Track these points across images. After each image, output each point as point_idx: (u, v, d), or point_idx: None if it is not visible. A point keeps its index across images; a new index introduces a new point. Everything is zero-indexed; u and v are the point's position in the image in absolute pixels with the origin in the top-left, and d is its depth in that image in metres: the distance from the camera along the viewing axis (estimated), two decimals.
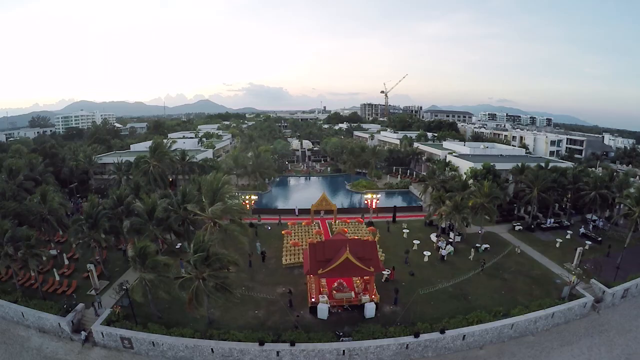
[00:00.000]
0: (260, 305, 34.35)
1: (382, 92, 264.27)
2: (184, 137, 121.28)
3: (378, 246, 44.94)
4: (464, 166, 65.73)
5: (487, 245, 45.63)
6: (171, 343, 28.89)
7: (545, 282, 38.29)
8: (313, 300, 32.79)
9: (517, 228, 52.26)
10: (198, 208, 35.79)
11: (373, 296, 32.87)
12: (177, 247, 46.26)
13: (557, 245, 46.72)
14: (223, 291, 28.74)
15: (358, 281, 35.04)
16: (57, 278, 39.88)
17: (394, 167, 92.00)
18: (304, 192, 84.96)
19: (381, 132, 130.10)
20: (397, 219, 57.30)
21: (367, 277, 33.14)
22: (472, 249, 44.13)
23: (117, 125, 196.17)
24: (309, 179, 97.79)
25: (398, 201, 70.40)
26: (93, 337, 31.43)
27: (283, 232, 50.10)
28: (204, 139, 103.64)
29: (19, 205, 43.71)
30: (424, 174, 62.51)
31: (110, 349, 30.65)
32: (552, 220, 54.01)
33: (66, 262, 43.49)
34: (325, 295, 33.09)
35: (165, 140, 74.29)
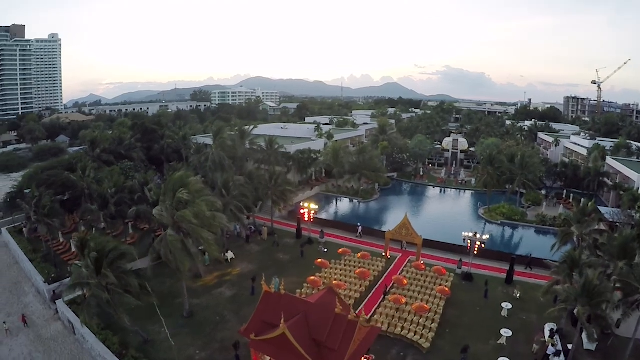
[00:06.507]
0: (209, 347, 31.39)
1: (594, 82, 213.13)
2: (314, 122, 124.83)
3: (436, 322, 32.88)
4: None
5: None
6: (92, 343, 30.39)
7: None
8: None
9: None
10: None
11: None
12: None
13: None
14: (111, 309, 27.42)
15: None
16: (74, 249, 45.72)
17: (566, 190, 70.35)
18: (419, 208, 73.44)
19: (572, 136, 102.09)
20: (514, 277, 41.51)
21: None
22: None
23: (271, 104, 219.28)
24: (443, 191, 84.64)
25: (546, 246, 50.24)
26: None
27: (317, 261, 42.69)
28: (321, 127, 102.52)
29: (68, 176, 50.70)
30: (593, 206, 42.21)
31: (66, 328, 34.70)
32: None
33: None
34: None
35: (246, 127, 75.96)
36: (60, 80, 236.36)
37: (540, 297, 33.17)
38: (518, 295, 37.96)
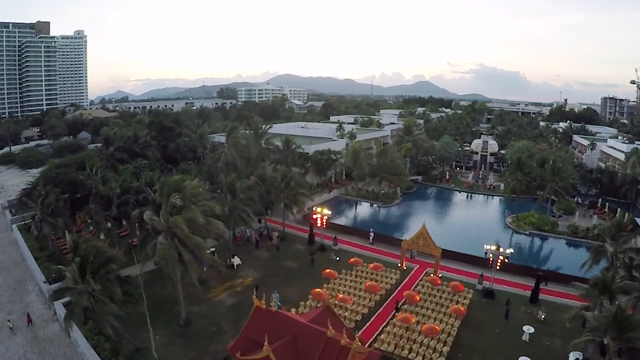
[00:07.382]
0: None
1: (633, 82, 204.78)
2: (338, 122, 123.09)
3: (448, 345, 30.82)
4: None
5: None
6: (83, 347, 30.06)
7: None
8: None
9: None
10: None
11: None
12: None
13: None
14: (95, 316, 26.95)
15: None
16: None
17: (601, 199, 66.61)
18: (442, 214, 70.81)
19: (609, 139, 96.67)
20: (540, 295, 38.78)
21: None
22: None
23: (297, 102, 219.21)
24: (470, 197, 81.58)
25: (577, 261, 46.29)
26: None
27: (325, 271, 41.00)
28: (343, 127, 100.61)
29: (76, 174, 50.96)
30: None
31: (62, 330, 34.08)
32: None
33: (102, 237, 49.41)
34: None
35: (263, 126, 75.25)
36: (86, 76, 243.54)
37: (566, 323, 30.65)
38: (543, 317, 35.31)
